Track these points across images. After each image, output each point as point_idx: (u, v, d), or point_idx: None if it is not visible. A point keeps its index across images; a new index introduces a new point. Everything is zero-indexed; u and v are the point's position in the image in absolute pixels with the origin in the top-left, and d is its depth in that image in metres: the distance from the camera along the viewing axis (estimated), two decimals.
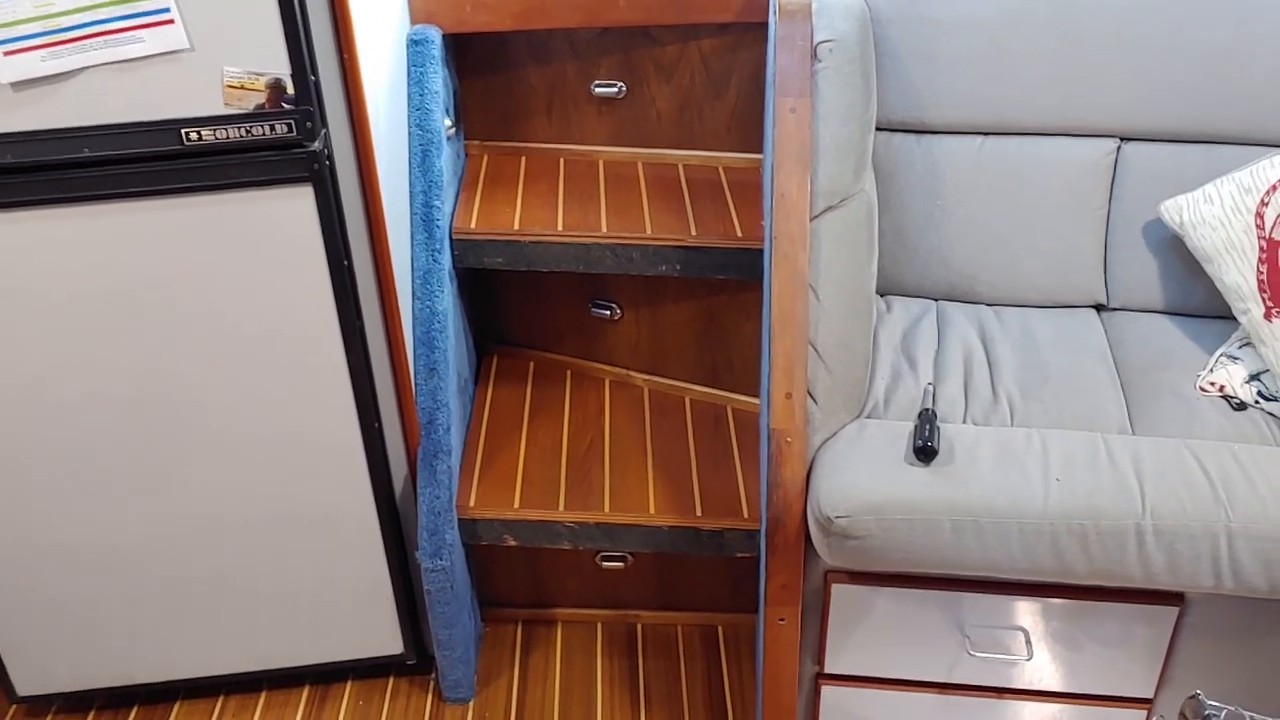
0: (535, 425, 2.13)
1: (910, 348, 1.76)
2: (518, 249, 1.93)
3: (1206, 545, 1.46)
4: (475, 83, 2.11)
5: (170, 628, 1.94)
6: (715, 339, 2.16)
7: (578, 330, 2.25)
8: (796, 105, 1.68)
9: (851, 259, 1.70)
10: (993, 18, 1.79)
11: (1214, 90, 1.78)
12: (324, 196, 1.58)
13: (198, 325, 1.65)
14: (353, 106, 1.61)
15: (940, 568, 1.53)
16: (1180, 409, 1.62)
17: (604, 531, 1.91)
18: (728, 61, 2.04)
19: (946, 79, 1.82)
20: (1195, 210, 1.71)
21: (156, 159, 1.51)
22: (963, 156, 1.84)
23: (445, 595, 1.88)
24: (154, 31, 1.42)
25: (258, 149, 1.52)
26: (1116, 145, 1.83)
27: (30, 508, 1.79)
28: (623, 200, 2.02)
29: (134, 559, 1.86)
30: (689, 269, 1.93)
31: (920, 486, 1.50)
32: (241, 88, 1.47)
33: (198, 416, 1.73)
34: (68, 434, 1.72)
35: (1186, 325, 1.80)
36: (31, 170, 1.50)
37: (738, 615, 2.20)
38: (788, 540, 1.57)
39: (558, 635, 2.18)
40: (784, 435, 1.56)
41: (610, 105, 2.11)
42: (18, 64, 1.42)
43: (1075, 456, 1.54)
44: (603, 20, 1.95)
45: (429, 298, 1.82)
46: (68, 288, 1.60)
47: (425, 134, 1.83)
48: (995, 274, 1.86)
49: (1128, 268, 1.83)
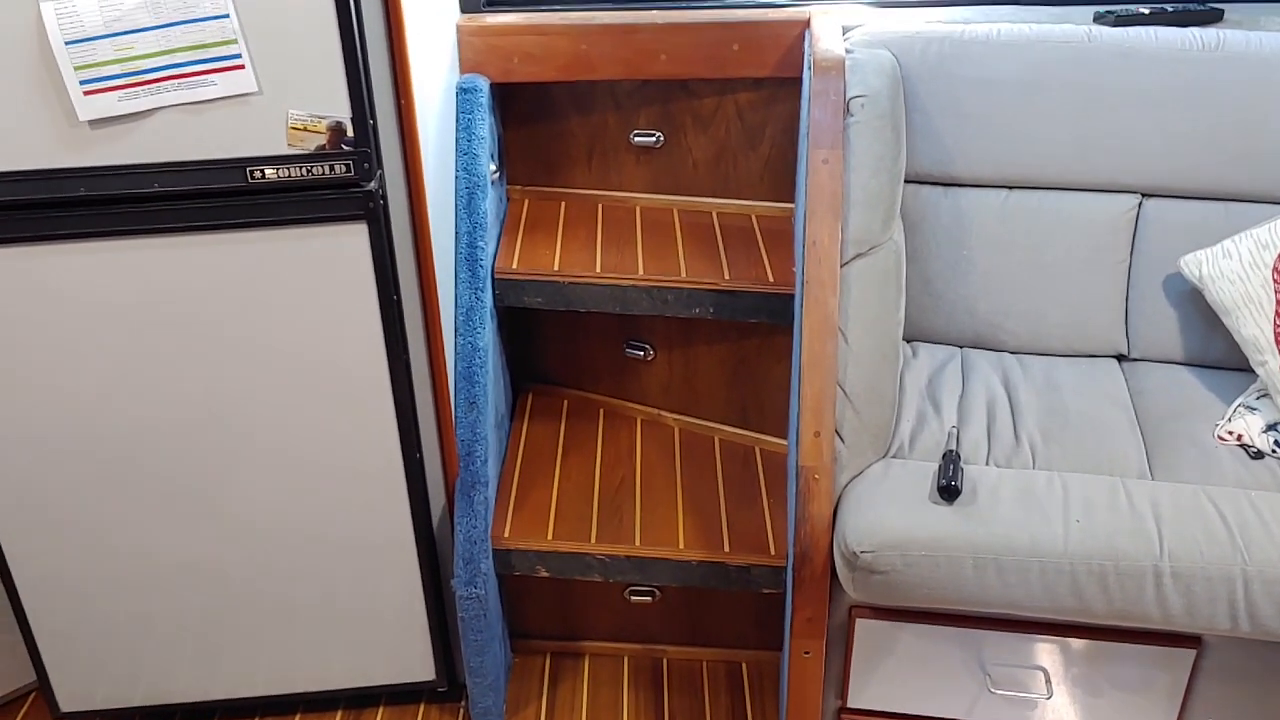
0: (568, 461, 2.19)
1: (935, 392, 1.81)
2: (556, 289, 2.01)
3: (1223, 588, 1.50)
4: (519, 130, 2.20)
5: (210, 649, 2.00)
6: (745, 381, 2.22)
7: (612, 370, 2.32)
8: (829, 157, 1.75)
9: (880, 305, 1.76)
10: (1018, 77, 1.86)
11: (1233, 149, 1.84)
12: (377, 234, 1.65)
13: (252, 353, 1.73)
14: (407, 149, 1.69)
15: (962, 604, 1.57)
16: (1199, 456, 1.67)
17: (634, 564, 1.96)
18: (762, 114, 2.12)
19: (973, 135, 1.89)
20: (1214, 264, 1.77)
21: (222, 195, 1.59)
22: (988, 209, 1.91)
23: (478, 623, 1.94)
24: (225, 75, 1.51)
25: (317, 188, 1.60)
26: (1138, 201, 1.89)
27: (80, 528, 1.85)
28: (659, 245, 2.09)
29: (178, 581, 1.92)
30: (722, 312, 2.00)
31: (944, 524, 1.55)
32: (304, 130, 1.56)
33: (246, 441, 1.80)
34: (119, 456, 1.79)
35: (1205, 376, 1.84)
36: (104, 203, 1.59)
37: (762, 652, 2.24)
38: (814, 574, 1.62)
39: (585, 667, 2.22)
40: (812, 472, 1.61)
41: (648, 154, 2.20)
42: (97, 103, 1.51)
43: (1095, 499, 1.58)
44: (644, 73, 2.04)
45: (471, 334, 1.90)
46: (131, 315, 1.68)
47: (472, 177, 1.91)
48: (1019, 323, 1.91)
49: (1149, 319, 1.89)
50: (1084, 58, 1.85)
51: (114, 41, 1.47)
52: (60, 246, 1.61)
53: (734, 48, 2.01)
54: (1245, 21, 1.93)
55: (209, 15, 1.47)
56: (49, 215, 1.58)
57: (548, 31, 2.01)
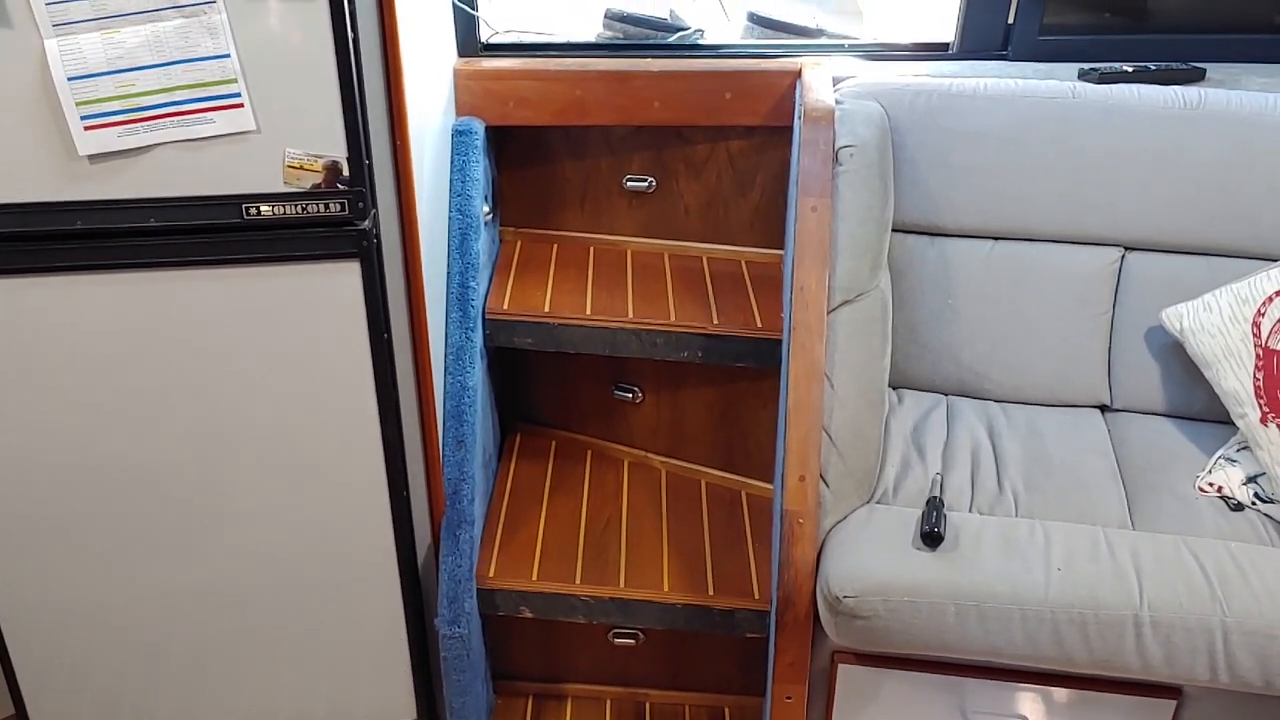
0: (555, 502, 2.19)
1: (920, 439, 1.83)
2: (547, 330, 2.02)
3: (1203, 639, 1.51)
4: (513, 172, 2.23)
5: (193, 677, 1.99)
6: (732, 425, 2.23)
7: (600, 412, 2.33)
8: (818, 204, 1.78)
9: (866, 351, 1.78)
10: (1005, 131, 1.90)
11: (1214, 205, 1.87)
12: (369, 272, 1.67)
13: (242, 388, 1.73)
14: (401, 189, 1.71)
15: (944, 650, 1.57)
16: (1179, 507, 1.68)
17: (618, 606, 1.97)
18: (754, 162, 2.15)
19: (960, 186, 1.92)
20: (1195, 318, 1.79)
21: (217, 231, 1.61)
22: (973, 259, 1.93)
23: (461, 663, 1.93)
24: (224, 114, 1.53)
25: (311, 225, 1.62)
26: (1120, 254, 1.92)
27: (63, 558, 1.85)
28: (649, 289, 2.11)
29: (160, 612, 1.91)
30: (710, 356, 2.02)
31: (926, 570, 1.56)
32: (301, 168, 1.58)
33: (232, 475, 1.80)
34: (107, 489, 1.79)
35: (1187, 428, 1.86)
36: (100, 236, 1.60)
37: (745, 697, 2.23)
38: (797, 618, 1.62)
39: (568, 710, 2.21)
40: (796, 516, 1.63)
41: (640, 199, 2.22)
42: (96, 138, 1.53)
43: (1076, 548, 1.59)
44: (637, 119, 2.07)
45: (460, 373, 1.91)
46: (123, 348, 1.68)
47: (465, 218, 1.93)
48: (1003, 372, 1.93)
49: (1131, 371, 1.91)
50: (1068, 113, 1.89)
51: (116, 79, 1.50)
52: (56, 279, 1.62)
53: (727, 96, 2.04)
54: (1227, 80, 1.97)
55: (210, 55, 1.49)
56: (46, 248, 1.59)
57: (544, 77, 2.04)
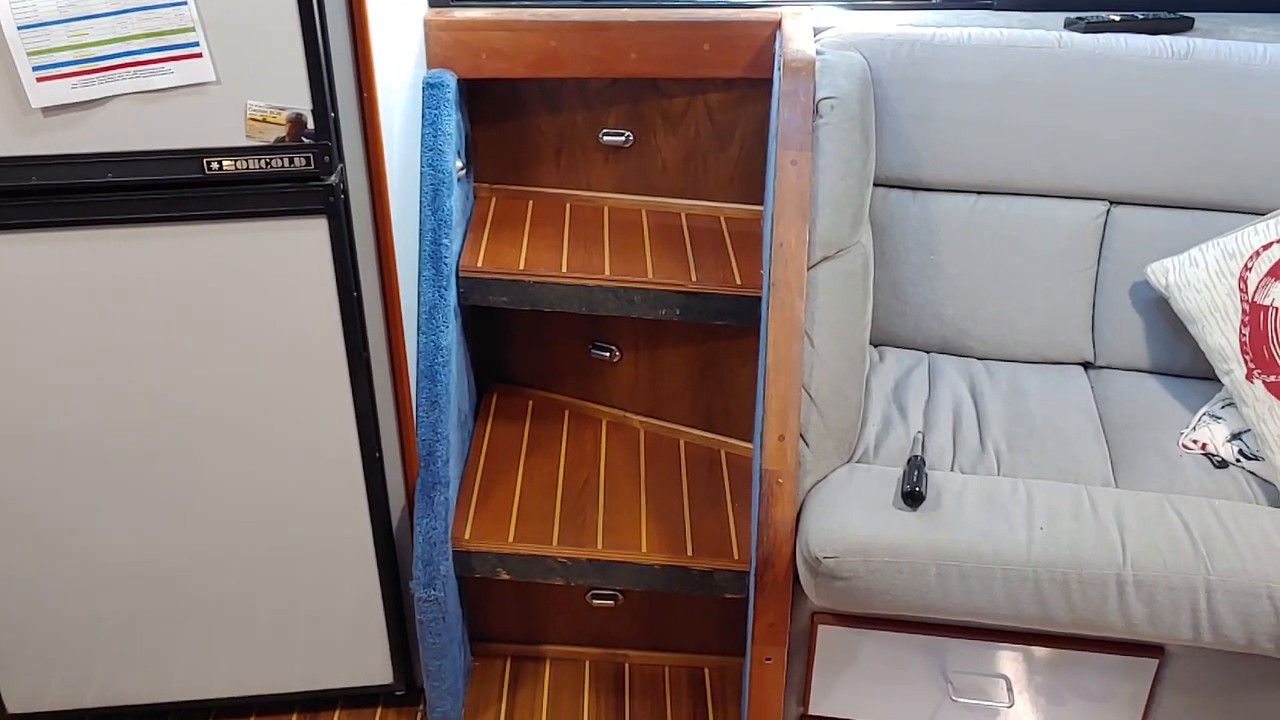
0: (532, 462, 2.16)
1: (901, 397, 1.80)
2: (522, 289, 1.98)
3: (1186, 598, 1.49)
4: (487, 127, 2.17)
5: (164, 650, 1.96)
6: (712, 384, 2.20)
7: (577, 371, 2.29)
8: (797, 158, 1.74)
9: (846, 308, 1.75)
10: (989, 82, 1.86)
11: (1201, 158, 1.84)
12: (337, 229, 1.63)
13: (207, 349, 1.69)
14: (369, 144, 1.66)
15: (925, 611, 1.56)
16: (1163, 465, 1.66)
17: (596, 568, 1.94)
18: (733, 115, 2.10)
19: (943, 139, 1.88)
20: (1181, 273, 1.77)
21: (178, 186, 1.56)
22: (957, 214, 1.90)
23: (437, 626, 1.91)
24: (183, 64, 1.48)
25: (275, 180, 1.58)
26: (1106, 208, 1.89)
27: (31, 526, 1.81)
28: (626, 246, 2.07)
29: (132, 581, 1.88)
30: (688, 314, 1.98)
31: (907, 530, 1.54)
32: (264, 120, 1.53)
33: (201, 438, 1.77)
34: (71, 453, 1.76)
35: (1171, 384, 1.84)
36: (55, 193, 1.55)
37: (725, 658, 2.22)
38: (776, 579, 1.60)
39: (546, 672, 2.20)
40: (776, 476, 1.60)
41: (617, 154, 2.18)
42: (49, 90, 1.48)
43: (1059, 507, 1.57)
44: (613, 71, 2.02)
45: (434, 332, 1.87)
46: (82, 309, 1.64)
47: (437, 174, 1.88)
48: (986, 329, 1.91)
49: (1115, 327, 1.88)
50: (1054, 63, 1.85)
51: (68, 27, 1.44)
52: (10, 236, 1.57)
53: (705, 47, 1.99)
54: (1215, 30, 1.93)
55: (166, 2, 1.44)
56: None
57: (517, 27, 1.99)
